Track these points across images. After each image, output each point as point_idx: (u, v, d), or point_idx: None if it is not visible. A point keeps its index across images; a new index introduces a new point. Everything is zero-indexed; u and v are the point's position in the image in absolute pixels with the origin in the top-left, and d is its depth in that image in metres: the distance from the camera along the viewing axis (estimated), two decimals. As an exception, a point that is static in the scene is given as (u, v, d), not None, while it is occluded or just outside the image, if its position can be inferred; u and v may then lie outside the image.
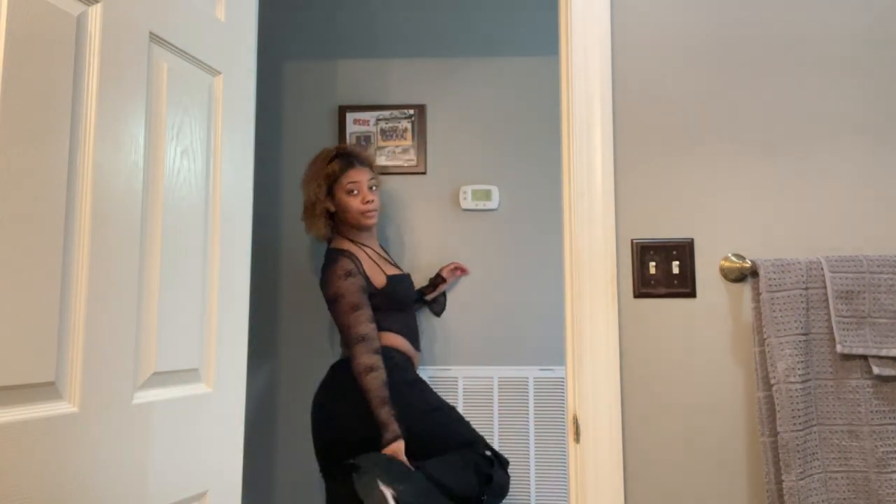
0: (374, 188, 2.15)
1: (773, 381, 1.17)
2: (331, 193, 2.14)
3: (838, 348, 1.17)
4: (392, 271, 2.14)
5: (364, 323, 1.96)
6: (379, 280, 2.08)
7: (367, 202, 2.10)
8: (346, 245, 2.12)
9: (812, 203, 1.28)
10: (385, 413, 1.90)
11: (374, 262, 2.12)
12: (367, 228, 2.16)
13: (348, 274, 2.01)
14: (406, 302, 2.13)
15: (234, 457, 1.33)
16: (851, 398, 1.18)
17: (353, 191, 2.10)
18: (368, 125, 2.59)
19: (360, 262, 2.05)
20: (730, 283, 1.27)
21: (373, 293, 2.05)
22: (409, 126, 2.58)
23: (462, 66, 2.63)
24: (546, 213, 2.56)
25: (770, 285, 1.19)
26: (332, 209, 2.15)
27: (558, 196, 2.53)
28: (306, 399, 2.51)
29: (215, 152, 1.31)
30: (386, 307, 2.07)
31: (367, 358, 1.93)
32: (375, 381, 1.91)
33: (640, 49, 1.33)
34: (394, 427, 1.90)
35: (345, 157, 2.13)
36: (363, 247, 2.15)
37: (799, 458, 1.14)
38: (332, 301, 2.01)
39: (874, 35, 1.31)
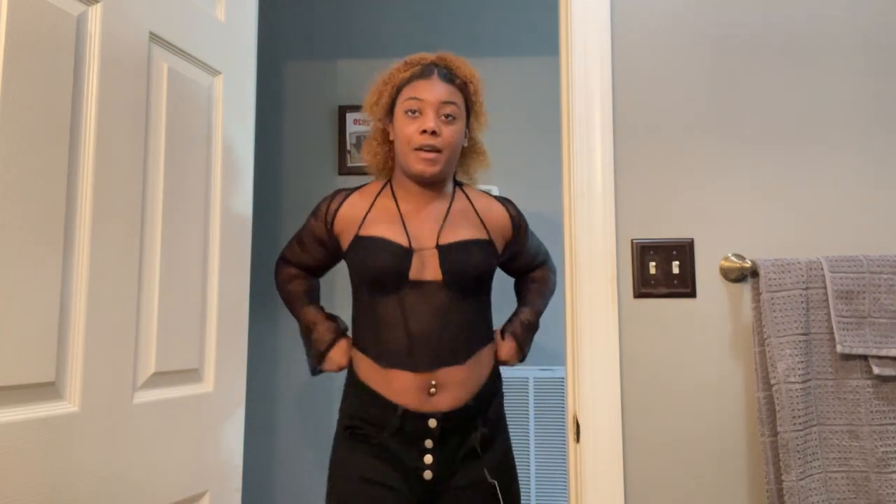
0: (451, 118, 1.34)
1: (773, 381, 1.17)
2: (392, 111, 1.41)
3: (838, 348, 1.17)
4: (388, 233, 1.34)
5: (294, 256, 1.49)
6: (349, 239, 1.39)
7: (425, 132, 1.30)
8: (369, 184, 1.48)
9: (812, 203, 1.28)
10: (312, 311, 1.42)
11: (380, 214, 1.37)
12: (417, 178, 1.36)
13: (314, 213, 1.45)
14: (380, 278, 1.31)
15: (234, 457, 1.33)
16: (851, 398, 1.18)
17: (413, 110, 1.33)
18: (368, 125, 2.58)
19: (339, 203, 1.41)
20: (730, 283, 1.27)
21: (342, 256, 1.44)
22: (409, 126, 2.57)
23: (462, 66, 2.63)
24: (546, 213, 2.56)
25: (770, 285, 1.19)
26: (391, 136, 1.43)
27: (558, 196, 2.53)
28: (307, 399, 2.51)
29: (215, 152, 1.31)
30: (360, 285, 1.37)
31: (289, 270, 1.51)
32: (300, 287, 1.47)
33: (640, 49, 1.33)
34: (328, 326, 1.39)
35: (428, 66, 1.38)
36: (387, 195, 1.41)
37: (799, 458, 1.14)
38: None
39: (876, 34, 1.31)
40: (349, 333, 1.42)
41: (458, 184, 1.47)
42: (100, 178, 1.01)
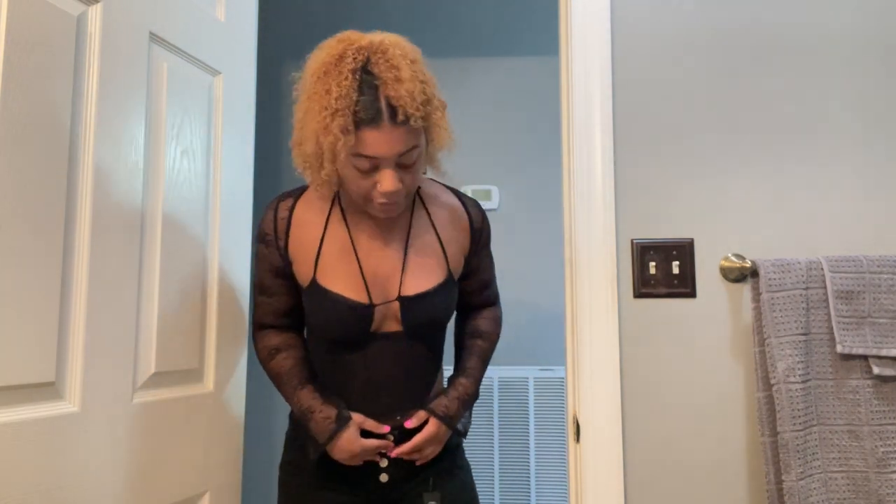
0: (409, 167, 1.10)
1: (773, 381, 1.17)
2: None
3: (838, 348, 1.17)
4: (347, 288, 1.17)
5: (267, 315, 1.24)
6: (306, 276, 1.19)
7: (385, 193, 1.08)
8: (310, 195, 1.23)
9: (812, 203, 1.28)
10: (307, 396, 1.19)
11: (334, 251, 1.19)
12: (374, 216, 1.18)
13: (261, 239, 1.22)
14: (341, 336, 1.19)
15: (234, 457, 1.33)
16: (851, 398, 1.18)
17: (364, 170, 1.07)
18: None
19: (286, 221, 1.20)
20: (730, 283, 1.27)
21: (300, 287, 1.22)
22: (409, 126, 2.57)
23: (462, 66, 2.63)
24: (546, 213, 2.56)
25: (770, 285, 1.19)
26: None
27: (558, 196, 2.53)
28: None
29: (215, 152, 1.31)
30: (316, 332, 1.24)
31: (269, 340, 1.25)
32: (286, 362, 1.23)
33: (640, 49, 1.33)
34: (326, 413, 1.17)
35: (373, 104, 1.03)
36: (338, 219, 1.21)
37: (799, 458, 1.14)
38: None
39: (874, 35, 1.31)
40: (350, 416, 1.18)
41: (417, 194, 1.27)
42: (99, 178, 1.01)
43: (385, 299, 1.18)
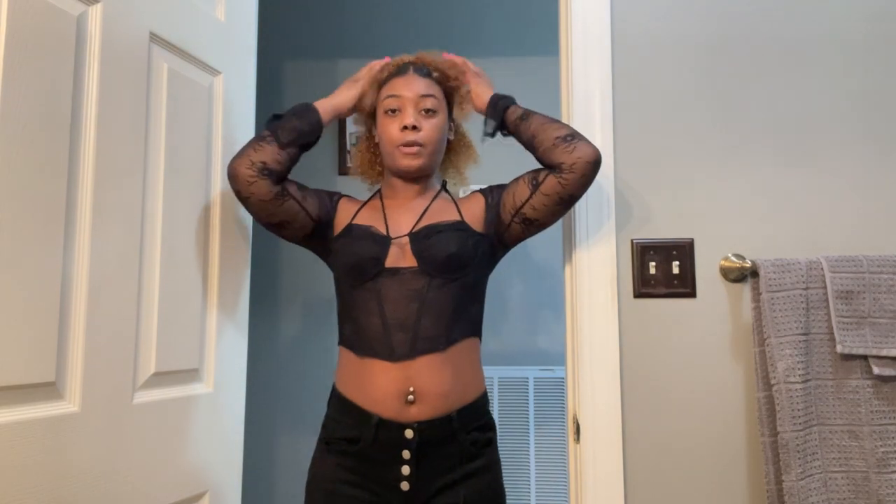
0: (431, 112, 1.32)
1: (773, 381, 1.17)
2: (375, 114, 1.40)
3: (838, 348, 1.17)
4: (371, 222, 1.32)
5: (293, 182, 1.33)
6: (342, 224, 1.35)
7: (406, 128, 1.29)
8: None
9: (812, 203, 1.28)
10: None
11: (367, 210, 1.37)
12: (403, 173, 1.33)
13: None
14: (360, 262, 1.27)
15: (234, 457, 1.33)
16: (851, 398, 1.18)
17: (392, 109, 1.32)
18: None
19: (340, 196, 1.40)
20: (730, 283, 1.27)
21: (332, 238, 1.34)
22: (409, 126, 2.57)
23: (462, 66, 2.63)
24: (546, 213, 2.56)
25: (770, 285, 1.19)
26: (376, 139, 1.40)
27: (558, 196, 2.53)
28: (307, 398, 2.51)
29: (215, 152, 1.31)
30: (341, 275, 1.31)
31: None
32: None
33: (640, 49, 1.33)
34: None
35: (404, 64, 1.37)
36: (375, 198, 1.40)
37: (799, 458, 1.14)
38: None
39: (874, 36, 1.31)
40: None
41: (446, 189, 1.42)
42: (100, 179, 1.01)
43: (400, 235, 1.30)
